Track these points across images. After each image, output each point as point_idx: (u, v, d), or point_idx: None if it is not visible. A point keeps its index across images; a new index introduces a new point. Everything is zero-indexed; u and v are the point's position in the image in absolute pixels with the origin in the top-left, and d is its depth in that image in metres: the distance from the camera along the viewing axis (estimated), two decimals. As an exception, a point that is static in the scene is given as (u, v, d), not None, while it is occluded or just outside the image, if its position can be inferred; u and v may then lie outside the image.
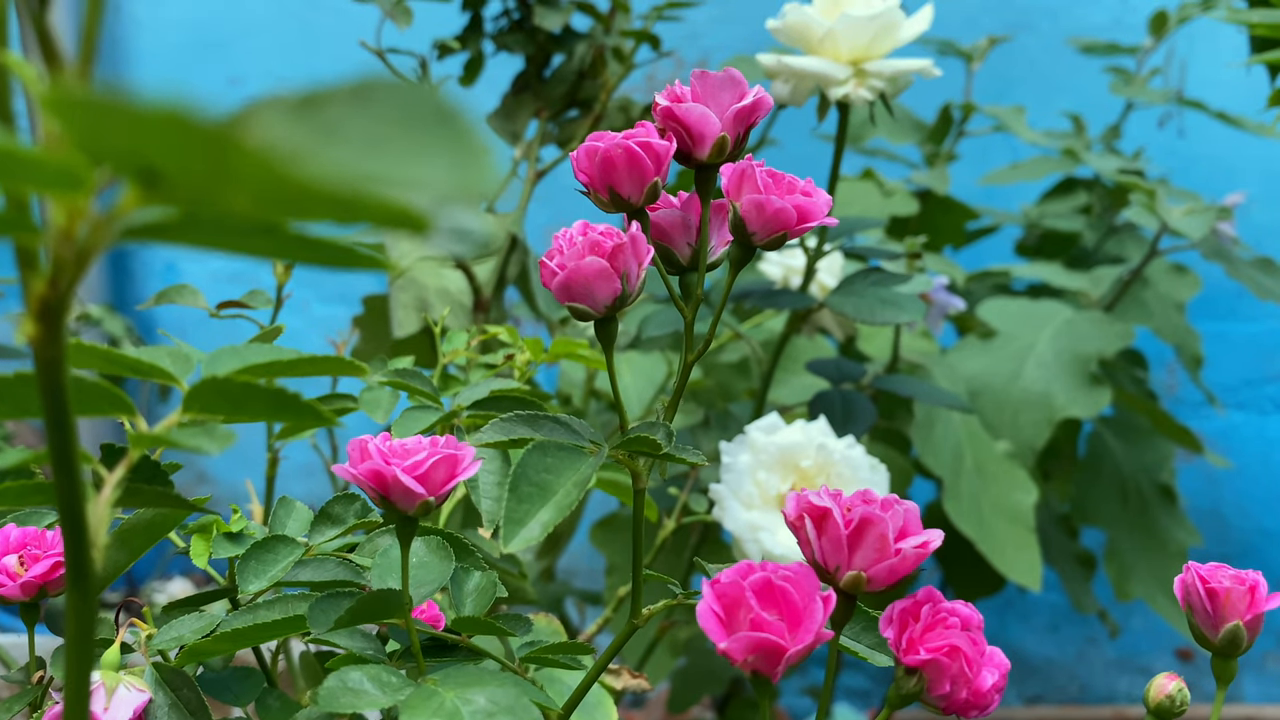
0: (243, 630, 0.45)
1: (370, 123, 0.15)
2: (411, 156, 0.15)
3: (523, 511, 0.41)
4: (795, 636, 0.36)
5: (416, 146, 0.15)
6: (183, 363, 0.36)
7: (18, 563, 0.48)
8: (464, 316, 1.05)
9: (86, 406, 0.31)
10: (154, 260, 1.81)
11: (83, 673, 0.28)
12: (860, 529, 0.38)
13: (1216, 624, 0.45)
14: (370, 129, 0.15)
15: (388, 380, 0.61)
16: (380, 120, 0.15)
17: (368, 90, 0.15)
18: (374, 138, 0.15)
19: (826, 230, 0.91)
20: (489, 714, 0.39)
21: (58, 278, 0.22)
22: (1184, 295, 1.37)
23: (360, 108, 0.15)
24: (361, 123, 0.15)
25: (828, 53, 0.83)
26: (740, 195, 0.44)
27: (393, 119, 0.15)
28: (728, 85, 0.45)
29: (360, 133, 0.15)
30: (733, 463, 0.79)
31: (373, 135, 0.15)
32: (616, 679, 0.57)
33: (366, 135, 0.15)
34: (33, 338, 0.23)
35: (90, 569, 0.27)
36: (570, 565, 1.53)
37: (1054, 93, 1.61)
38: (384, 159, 0.15)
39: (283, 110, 0.15)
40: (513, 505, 0.41)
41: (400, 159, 0.15)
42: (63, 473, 0.25)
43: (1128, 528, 1.33)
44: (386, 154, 0.15)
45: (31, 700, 0.48)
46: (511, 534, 0.40)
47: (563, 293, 0.43)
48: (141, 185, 0.17)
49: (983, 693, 0.39)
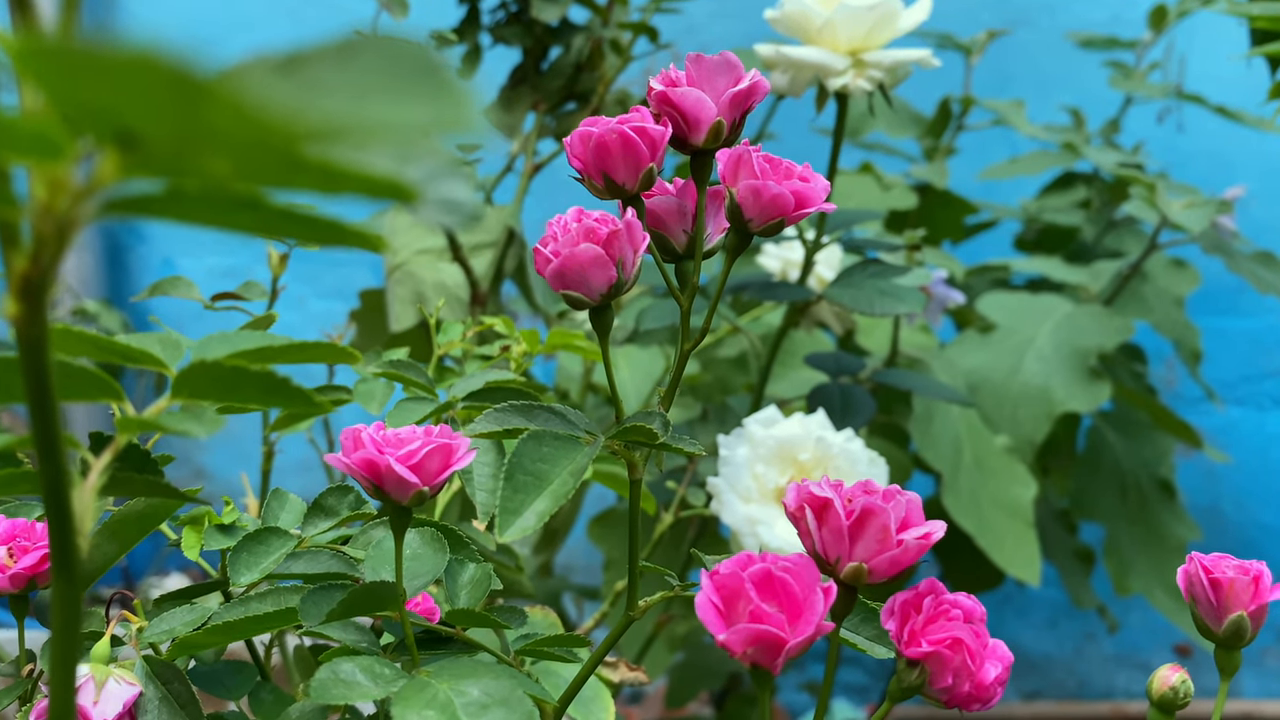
0: (235, 623, 0.44)
1: (355, 76, 0.14)
2: (395, 103, 0.14)
3: (518, 501, 0.40)
4: (795, 628, 0.36)
5: (400, 95, 0.15)
6: (173, 349, 0.35)
7: (6, 555, 0.48)
8: (461, 310, 1.04)
9: (72, 390, 0.30)
10: (150, 256, 1.80)
11: (68, 663, 0.27)
12: (862, 520, 0.38)
13: (1220, 615, 0.45)
14: (355, 82, 0.14)
15: (382, 372, 0.60)
16: (364, 73, 0.15)
17: (351, 47, 0.15)
18: (358, 90, 0.14)
19: (824, 222, 0.90)
20: (482, 706, 0.38)
21: (40, 253, 0.21)
22: (1183, 290, 1.37)
23: (344, 64, 0.15)
24: (346, 77, 0.14)
25: (826, 43, 0.82)
26: (737, 181, 0.44)
27: (377, 72, 0.15)
28: (723, 69, 0.44)
29: (345, 86, 0.14)
30: (731, 456, 0.79)
31: (357, 88, 0.14)
32: (614, 672, 0.56)
33: (351, 89, 0.14)
34: (14, 316, 0.23)
35: (75, 556, 0.26)
36: (568, 560, 1.53)
37: (1053, 87, 1.61)
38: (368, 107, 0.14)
39: (266, 68, 0.15)
40: (508, 494, 0.40)
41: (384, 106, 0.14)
42: (47, 456, 0.25)
43: (1127, 523, 1.33)
44: (371, 103, 0.14)
45: (21, 693, 0.47)
46: (507, 523, 0.40)
47: (557, 280, 0.43)
48: (120, 149, 0.16)
49: (985, 685, 0.39)
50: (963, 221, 1.47)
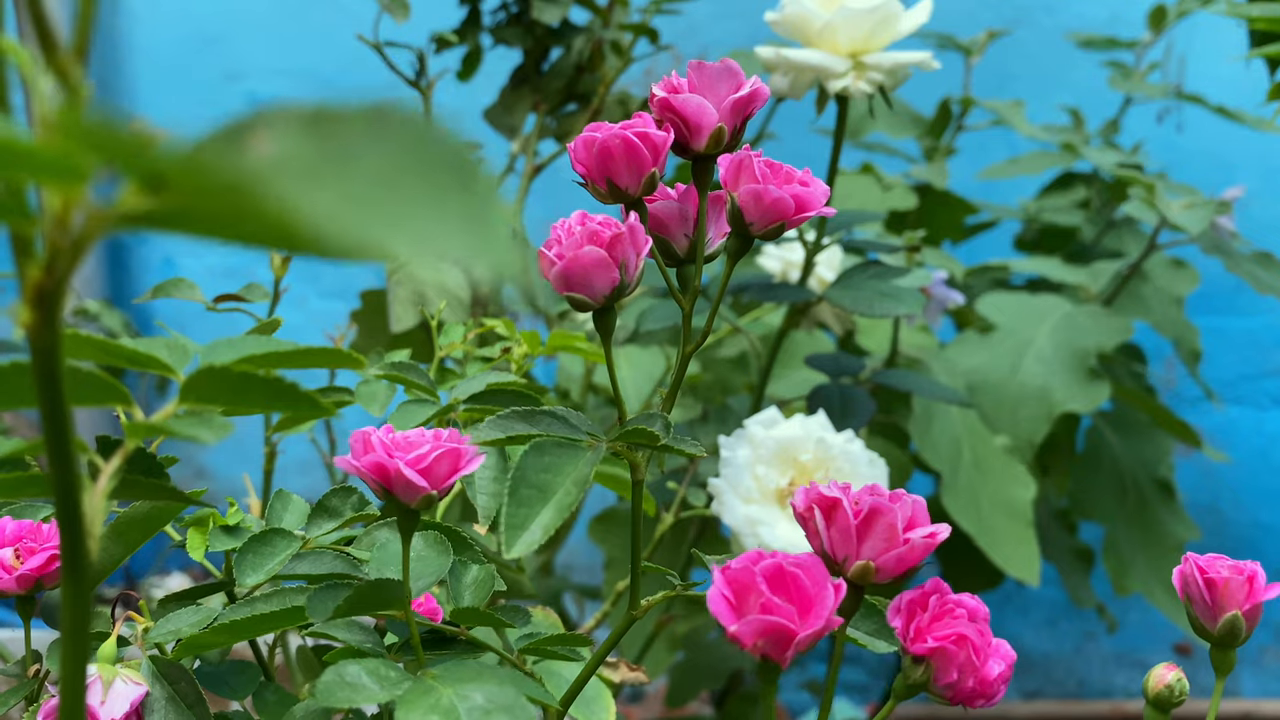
0: (240, 622, 0.45)
1: (383, 157, 0.14)
2: (424, 206, 0.14)
3: (523, 516, 0.41)
4: (805, 621, 0.36)
5: (429, 197, 0.14)
6: (179, 354, 0.36)
7: (13, 556, 0.48)
8: (462, 312, 1.05)
9: (82, 396, 0.31)
10: (152, 256, 1.81)
11: (78, 664, 0.28)
12: (869, 519, 0.39)
13: (1215, 614, 0.45)
14: (383, 164, 0.14)
15: (384, 374, 0.61)
16: (394, 154, 0.14)
17: (383, 118, 0.15)
18: (386, 175, 0.14)
19: (825, 224, 0.91)
20: (486, 712, 0.38)
21: (53, 265, 0.22)
22: (1182, 290, 1.37)
23: (374, 138, 0.14)
24: (375, 156, 0.14)
25: (826, 45, 0.83)
26: (738, 186, 0.44)
27: (407, 156, 0.14)
28: (725, 76, 0.45)
29: (373, 167, 0.14)
30: (731, 457, 0.79)
31: (385, 172, 0.14)
32: (614, 672, 0.57)
33: (379, 171, 0.14)
34: (28, 325, 0.23)
35: (86, 559, 0.27)
36: (569, 560, 1.53)
37: (1053, 87, 1.61)
38: (396, 204, 0.14)
39: (293, 124, 0.15)
40: (512, 510, 0.41)
41: (413, 207, 0.14)
42: (58, 462, 0.25)
43: (1126, 522, 1.33)
44: (398, 198, 0.14)
45: (28, 694, 0.48)
46: (513, 539, 0.40)
47: (560, 283, 0.43)
48: (146, 189, 0.16)
49: (989, 682, 0.39)
50: (962, 222, 1.47)
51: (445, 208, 0.15)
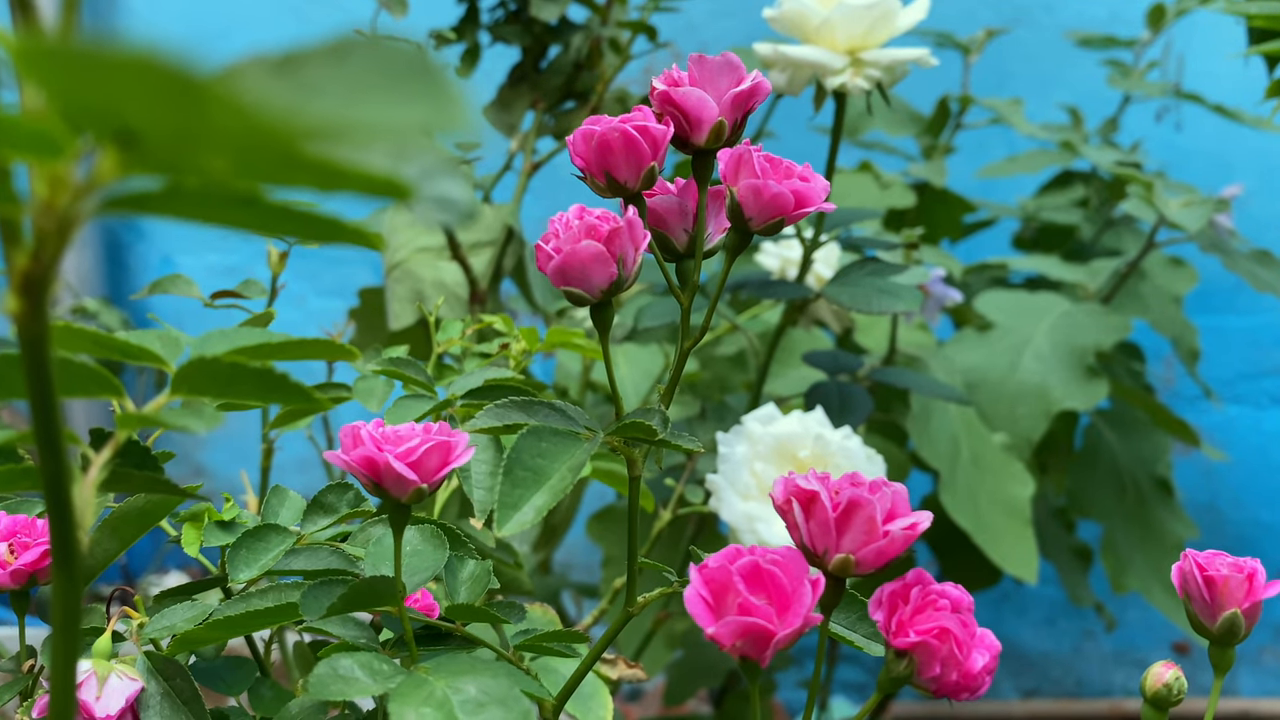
0: (235, 618, 0.45)
1: (350, 76, 0.15)
2: (390, 104, 0.15)
3: (516, 496, 0.40)
4: (783, 620, 0.36)
5: (395, 95, 0.15)
6: (172, 346, 0.36)
7: (7, 550, 0.48)
8: (460, 309, 1.04)
9: (72, 387, 0.30)
10: (150, 254, 1.80)
11: (69, 657, 0.28)
12: (848, 511, 0.38)
13: (1214, 612, 0.45)
14: (350, 81, 0.15)
15: (382, 369, 0.60)
16: (359, 73, 0.15)
17: (346, 47, 0.15)
18: (353, 91, 0.15)
19: (823, 221, 0.91)
20: (479, 704, 0.38)
21: (40, 250, 0.21)
22: (1181, 288, 1.37)
23: (339, 63, 0.15)
24: (341, 76, 0.15)
25: (824, 42, 0.82)
26: (738, 180, 0.44)
27: (371, 72, 0.15)
28: (725, 70, 0.44)
29: (340, 86, 0.15)
30: (729, 453, 0.79)
31: (352, 88, 0.15)
32: (612, 669, 0.57)
33: (346, 89, 0.15)
34: (16, 313, 0.23)
35: (76, 550, 0.26)
36: (567, 558, 1.53)
37: (1051, 86, 1.61)
38: (364, 107, 0.14)
39: (263, 68, 0.15)
40: (506, 489, 0.40)
41: (379, 107, 0.15)
42: (48, 452, 0.25)
43: (1124, 521, 1.33)
44: (366, 104, 0.15)
45: (22, 689, 0.47)
46: (505, 518, 0.40)
47: (558, 277, 0.43)
48: (120, 148, 0.16)
49: (973, 674, 0.39)
50: (961, 220, 1.47)
51: (406, 87, 0.15)
